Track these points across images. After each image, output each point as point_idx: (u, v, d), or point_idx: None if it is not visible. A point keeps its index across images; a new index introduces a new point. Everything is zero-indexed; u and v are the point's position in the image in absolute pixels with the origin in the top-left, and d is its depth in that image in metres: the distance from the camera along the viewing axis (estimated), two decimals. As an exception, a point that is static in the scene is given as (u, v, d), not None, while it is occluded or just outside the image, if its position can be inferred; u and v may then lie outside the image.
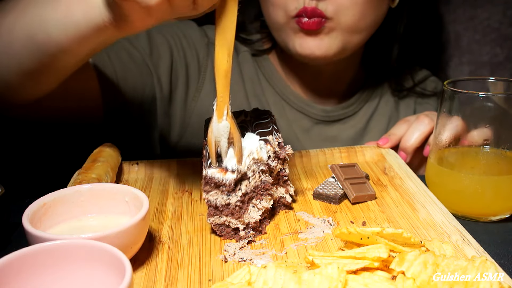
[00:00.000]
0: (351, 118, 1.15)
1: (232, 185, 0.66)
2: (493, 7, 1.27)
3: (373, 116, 1.16)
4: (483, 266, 0.52)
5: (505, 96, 0.77)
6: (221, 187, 0.66)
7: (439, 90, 1.21)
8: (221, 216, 0.68)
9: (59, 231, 0.64)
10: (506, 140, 0.77)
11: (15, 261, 0.51)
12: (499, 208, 0.77)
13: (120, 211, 0.67)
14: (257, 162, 0.69)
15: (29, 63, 0.75)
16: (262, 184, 0.70)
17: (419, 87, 1.19)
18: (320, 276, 0.50)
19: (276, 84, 1.12)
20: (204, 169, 0.67)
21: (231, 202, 0.67)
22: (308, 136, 1.12)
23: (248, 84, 1.12)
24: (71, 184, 0.74)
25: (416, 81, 1.19)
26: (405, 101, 1.19)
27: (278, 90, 1.12)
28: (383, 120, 1.16)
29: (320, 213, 0.75)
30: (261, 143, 0.70)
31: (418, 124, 0.93)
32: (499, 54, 1.30)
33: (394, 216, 0.73)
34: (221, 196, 0.67)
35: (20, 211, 0.61)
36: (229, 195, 0.67)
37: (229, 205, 0.67)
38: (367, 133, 1.15)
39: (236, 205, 0.67)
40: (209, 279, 0.60)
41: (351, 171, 0.81)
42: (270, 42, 1.14)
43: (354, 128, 1.15)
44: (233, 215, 0.67)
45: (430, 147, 0.85)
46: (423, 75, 1.21)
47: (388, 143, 0.94)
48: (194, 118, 1.07)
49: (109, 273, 0.52)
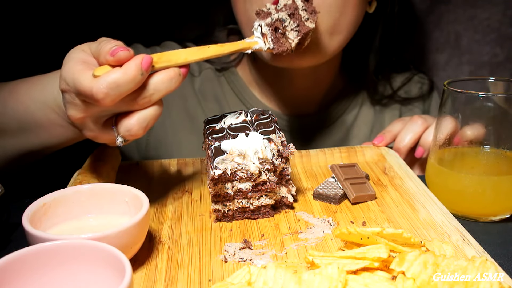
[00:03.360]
0: (331, 128, 1.13)
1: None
2: (493, 7, 1.27)
3: (354, 124, 1.14)
4: (483, 266, 0.52)
5: (505, 96, 0.77)
6: None
7: (425, 90, 1.18)
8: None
9: (59, 231, 0.64)
10: (506, 140, 0.77)
11: (15, 261, 0.51)
12: (499, 208, 0.77)
13: (120, 211, 0.67)
14: (263, 162, 0.69)
15: None
16: (268, 184, 0.71)
17: (402, 90, 1.15)
18: (320, 276, 0.50)
19: (247, 100, 1.10)
20: (211, 169, 0.69)
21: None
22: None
23: (212, 103, 1.09)
24: (71, 184, 0.74)
25: (395, 88, 1.15)
26: (390, 108, 1.16)
27: (249, 106, 1.09)
28: (365, 128, 1.14)
29: (320, 213, 0.75)
30: (265, 141, 0.70)
31: (411, 125, 0.93)
32: (499, 54, 1.30)
33: (394, 216, 0.73)
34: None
35: (20, 211, 0.61)
36: None
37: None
38: (348, 142, 1.13)
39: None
40: (209, 279, 0.60)
41: (351, 171, 0.81)
42: (237, 53, 1.09)
43: (334, 138, 1.12)
44: None
45: (430, 147, 0.85)
46: (404, 78, 1.17)
47: (383, 141, 0.94)
48: (153, 151, 1.08)
49: (109, 273, 0.52)
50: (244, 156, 0.69)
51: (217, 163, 0.69)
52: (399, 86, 1.16)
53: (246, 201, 0.72)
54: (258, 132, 0.73)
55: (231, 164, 0.69)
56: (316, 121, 1.11)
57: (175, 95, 1.07)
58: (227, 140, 0.71)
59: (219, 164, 0.69)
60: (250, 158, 0.69)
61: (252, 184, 0.71)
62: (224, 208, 0.72)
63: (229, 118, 0.78)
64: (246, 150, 0.70)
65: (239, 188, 0.71)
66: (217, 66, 1.11)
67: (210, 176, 0.69)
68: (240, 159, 0.69)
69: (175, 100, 1.08)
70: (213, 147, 0.71)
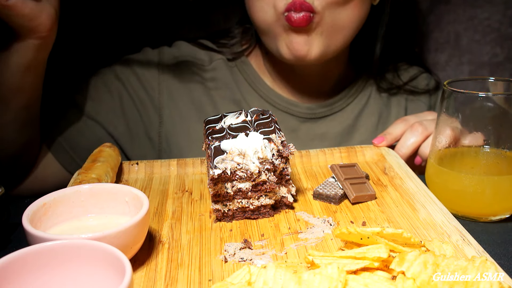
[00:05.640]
0: (338, 114, 1.15)
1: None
2: (493, 7, 1.27)
3: (362, 113, 1.16)
4: (483, 266, 0.52)
5: (505, 96, 0.77)
6: None
7: (431, 87, 1.21)
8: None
9: (59, 231, 0.64)
10: (506, 140, 0.77)
11: (15, 261, 0.51)
12: (499, 208, 0.77)
13: (120, 211, 0.67)
14: (263, 162, 0.69)
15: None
16: (268, 184, 0.71)
17: (409, 85, 1.19)
18: (320, 276, 0.50)
19: (259, 88, 1.12)
20: (211, 169, 0.68)
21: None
22: (296, 136, 1.12)
23: (224, 91, 1.12)
24: (71, 184, 0.74)
25: (405, 79, 1.19)
26: (396, 98, 1.19)
27: (261, 93, 1.12)
28: (372, 118, 1.16)
29: (320, 213, 0.75)
30: (265, 141, 0.70)
31: (411, 134, 0.93)
32: (499, 54, 1.30)
33: (394, 216, 0.73)
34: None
35: (20, 211, 0.61)
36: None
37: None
38: (356, 130, 1.15)
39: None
40: (209, 279, 0.60)
41: (351, 171, 0.81)
42: (248, 43, 1.14)
43: (342, 125, 1.14)
44: None
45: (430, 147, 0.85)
46: (413, 72, 1.21)
47: (383, 142, 0.95)
48: (164, 143, 1.10)
49: (109, 273, 0.52)
50: (244, 156, 0.69)
51: (216, 162, 0.69)
52: (408, 80, 1.19)
53: (246, 201, 0.72)
54: (258, 132, 0.73)
55: (231, 163, 0.69)
56: (323, 107, 1.14)
57: (183, 86, 1.10)
58: (227, 140, 0.71)
59: (219, 164, 0.69)
60: (250, 157, 0.69)
61: (252, 184, 0.71)
62: (224, 208, 0.72)
63: (229, 118, 0.78)
64: (246, 149, 0.70)
65: (239, 188, 0.71)
66: (229, 56, 1.14)
67: (210, 176, 0.69)
68: (240, 158, 0.69)
69: (183, 91, 1.11)
70: (213, 147, 0.71)
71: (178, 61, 1.11)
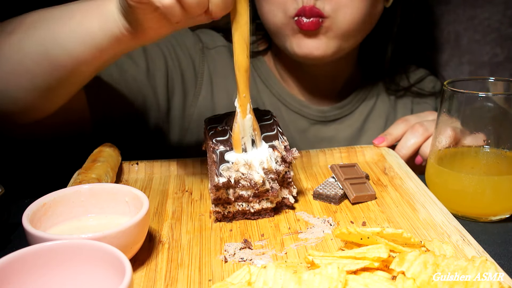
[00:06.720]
0: (348, 118, 1.15)
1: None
2: (493, 7, 1.27)
3: (370, 115, 1.16)
4: (483, 266, 0.52)
5: (505, 96, 0.77)
6: None
7: (437, 89, 1.21)
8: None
9: (59, 231, 0.64)
10: (506, 140, 0.77)
11: (15, 261, 0.51)
12: (499, 208, 0.77)
13: (120, 211, 0.67)
14: (267, 172, 0.70)
15: (43, 79, 0.75)
16: (271, 192, 0.71)
17: (416, 87, 1.19)
18: (320, 276, 0.50)
19: (272, 86, 1.13)
20: (216, 176, 0.69)
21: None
22: (305, 137, 1.12)
23: None
24: (71, 184, 0.74)
25: (412, 81, 1.19)
26: (402, 100, 1.19)
27: (274, 92, 1.12)
28: (380, 120, 1.16)
29: (320, 213, 0.75)
30: (270, 150, 0.71)
31: (412, 135, 0.93)
32: (499, 54, 1.30)
33: (394, 216, 0.73)
34: None
35: (20, 211, 0.61)
36: None
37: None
38: (364, 133, 1.16)
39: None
40: (209, 279, 0.60)
41: (351, 171, 0.81)
42: (265, 44, 1.15)
43: (350, 128, 1.15)
44: None
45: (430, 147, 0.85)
46: (420, 75, 1.21)
47: (384, 143, 0.95)
48: (193, 124, 1.08)
49: (109, 273, 0.52)
50: (250, 166, 0.69)
51: (222, 170, 0.69)
52: (418, 79, 1.20)
53: (246, 205, 0.72)
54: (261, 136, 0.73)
55: (236, 173, 0.69)
56: (333, 111, 1.14)
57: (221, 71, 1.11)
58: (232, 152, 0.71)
59: (224, 172, 0.69)
60: (255, 168, 0.69)
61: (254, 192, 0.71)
62: (224, 210, 0.72)
63: (231, 118, 0.77)
64: (252, 160, 0.69)
65: (241, 194, 0.71)
66: None
67: (214, 183, 0.69)
68: (245, 168, 0.69)
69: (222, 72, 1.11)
70: (218, 152, 0.71)
71: (215, 45, 1.12)
